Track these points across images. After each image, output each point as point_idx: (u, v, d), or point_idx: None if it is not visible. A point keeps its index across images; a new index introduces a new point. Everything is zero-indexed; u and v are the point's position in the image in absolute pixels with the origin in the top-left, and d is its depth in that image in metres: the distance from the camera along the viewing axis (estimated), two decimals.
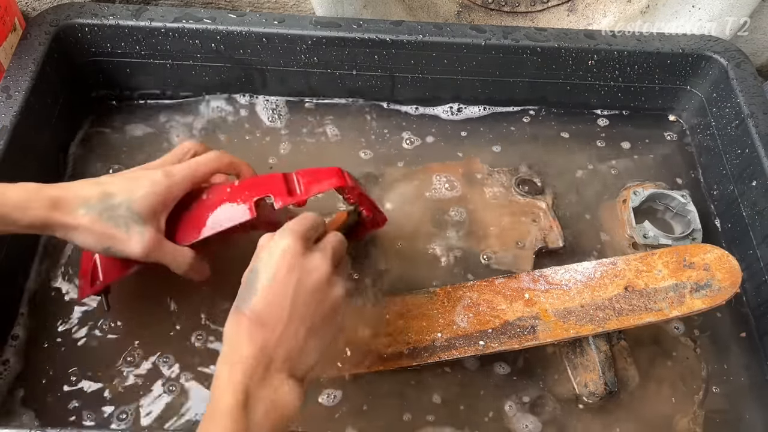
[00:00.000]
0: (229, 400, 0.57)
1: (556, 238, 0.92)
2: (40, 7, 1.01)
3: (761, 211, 0.90)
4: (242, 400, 0.57)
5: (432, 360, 0.79)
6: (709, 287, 0.77)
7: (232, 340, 0.62)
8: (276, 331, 0.62)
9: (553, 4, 1.15)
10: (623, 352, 0.82)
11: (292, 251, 0.65)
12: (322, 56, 0.98)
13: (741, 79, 0.97)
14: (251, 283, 0.64)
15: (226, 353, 0.62)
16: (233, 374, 0.59)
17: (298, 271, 0.64)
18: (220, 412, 0.57)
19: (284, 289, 0.63)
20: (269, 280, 0.63)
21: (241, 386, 0.58)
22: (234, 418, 0.56)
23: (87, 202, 0.68)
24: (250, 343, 0.61)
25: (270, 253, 0.65)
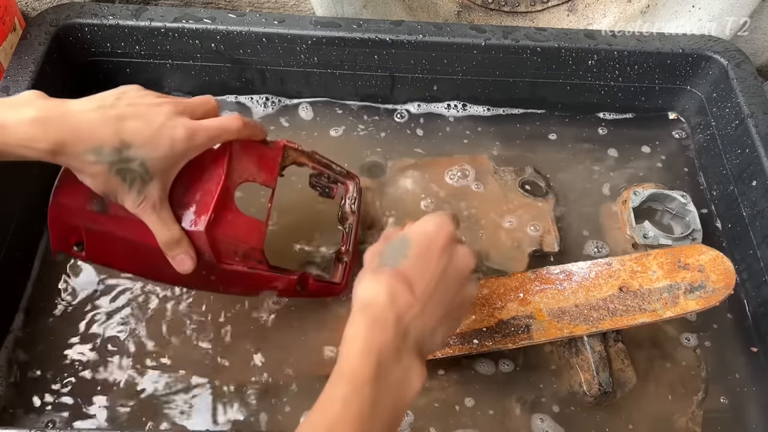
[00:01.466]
0: (362, 368, 0.55)
1: (552, 243, 0.92)
2: (40, 7, 1.02)
3: (761, 211, 0.90)
4: (374, 374, 0.55)
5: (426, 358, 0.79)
6: (703, 288, 0.77)
7: (370, 293, 0.60)
8: (419, 302, 0.60)
9: (553, 4, 1.15)
10: (620, 353, 0.82)
11: (449, 233, 0.65)
12: (322, 56, 0.98)
13: (741, 79, 0.97)
14: (400, 248, 0.63)
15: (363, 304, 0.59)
16: (372, 339, 0.56)
17: (450, 251, 0.64)
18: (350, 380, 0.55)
19: (435, 262, 0.62)
20: (422, 251, 0.62)
21: (376, 357, 0.55)
22: (364, 393, 0.54)
23: (99, 150, 0.62)
24: (392, 304, 0.58)
25: (425, 226, 0.65)
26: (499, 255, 0.92)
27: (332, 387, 0.55)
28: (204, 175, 0.71)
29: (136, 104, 0.65)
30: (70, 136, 0.61)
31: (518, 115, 1.07)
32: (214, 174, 0.70)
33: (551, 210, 0.95)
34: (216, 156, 0.71)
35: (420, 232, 0.64)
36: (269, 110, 1.03)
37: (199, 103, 0.70)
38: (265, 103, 1.04)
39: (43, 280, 0.86)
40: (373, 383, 0.54)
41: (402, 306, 0.59)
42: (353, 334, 0.57)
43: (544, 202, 0.96)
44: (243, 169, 0.73)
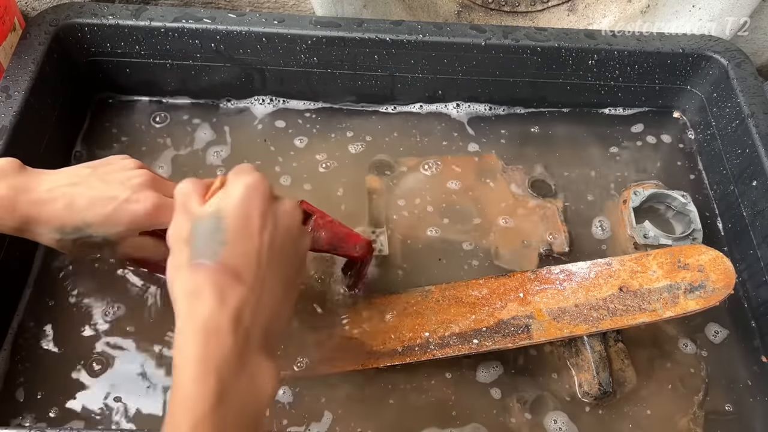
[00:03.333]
0: (201, 397, 0.47)
1: (563, 244, 0.92)
2: (39, 6, 1.02)
3: (761, 211, 0.90)
4: (216, 400, 0.47)
5: (426, 358, 0.79)
6: (703, 288, 0.77)
7: (194, 302, 0.51)
8: (254, 290, 0.52)
9: (553, 4, 1.15)
10: (620, 353, 0.82)
11: (263, 194, 0.57)
12: (322, 56, 0.98)
13: (741, 79, 0.97)
14: (211, 229, 0.53)
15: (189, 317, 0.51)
16: (207, 358, 0.49)
17: (272, 215, 0.56)
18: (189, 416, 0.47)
19: (259, 240, 0.54)
20: (240, 228, 0.54)
21: (216, 378, 0.48)
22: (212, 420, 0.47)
23: (62, 229, 0.65)
24: (223, 304, 0.50)
25: (234, 195, 0.56)
26: (508, 254, 0.92)
27: (173, 421, 0.48)
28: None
29: (106, 180, 0.67)
30: (34, 218, 0.64)
31: (518, 114, 1.07)
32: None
33: (560, 210, 0.95)
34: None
35: (232, 206, 0.55)
36: (269, 110, 1.03)
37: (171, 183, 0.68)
38: (265, 102, 1.04)
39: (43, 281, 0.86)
40: (216, 410, 0.47)
41: (235, 303, 0.51)
42: (185, 354, 0.49)
43: (552, 203, 0.96)
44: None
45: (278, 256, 0.56)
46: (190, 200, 0.58)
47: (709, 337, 0.88)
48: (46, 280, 0.85)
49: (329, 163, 0.98)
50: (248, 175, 0.57)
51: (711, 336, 0.88)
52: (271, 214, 0.56)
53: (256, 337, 0.52)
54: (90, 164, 0.70)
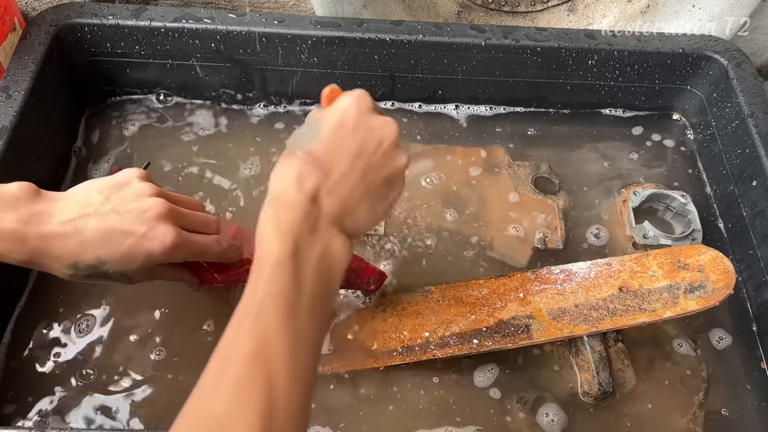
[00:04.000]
0: (277, 248, 0.53)
1: (558, 240, 0.93)
2: (40, 7, 1.02)
3: (761, 211, 0.90)
4: (292, 251, 0.53)
5: (426, 357, 0.79)
6: (703, 288, 0.77)
7: (278, 183, 0.58)
8: (331, 178, 0.58)
9: (553, 4, 1.15)
10: (620, 353, 0.82)
11: (363, 105, 0.62)
12: (322, 56, 0.98)
13: (741, 79, 0.97)
14: (311, 129, 0.60)
15: (272, 196, 0.57)
16: (280, 221, 0.55)
17: (367, 125, 0.61)
18: (270, 261, 0.53)
19: (350, 139, 0.60)
20: (334, 130, 0.60)
21: (290, 235, 0.54)
22: (283, 270, 0.52)
23: (75, 266, 0.64)
24: (300, 186, 0.56)
25: (338, 104, 0.62)
26: (502, 246, 0.93)
27: (253, 277, 0.53)
28: None
29: (120, 211, 0.65)
30: (45, 253, 0.62)
31: (518, 114, 1.07)
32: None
33: (560, 208, 0.96)
34: None
35: (332, 111, 0.61)
36: (269, 110, 1.03)
37: (188, 202, 0.73)
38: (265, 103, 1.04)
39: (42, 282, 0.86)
40: (291, 259, 0.53)
41: (311, 186, 0.57)
42: (264, 226, 0.55)
43: (553, 200, 0.96)
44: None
45: (365, 160, 0.60)
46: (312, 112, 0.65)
47: (708, 338, 0.88)
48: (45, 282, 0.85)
49: None
50: (355, 92, 0.63)
51: (710, 336, 0.88)
52: (365, 124, 0.61)
53: (328, 216, 0.57)
54: (103, 186, 0.67)
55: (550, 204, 0.96)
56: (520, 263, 0.91)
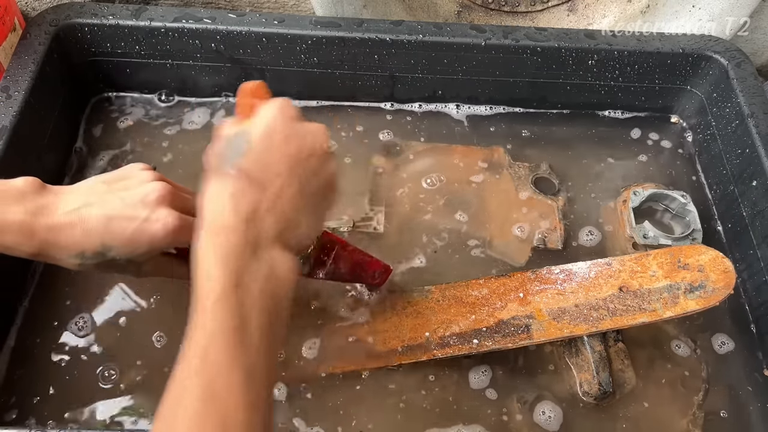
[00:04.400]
0: (218, 279, 0.51)
1: (557, 240, 0.93)
2: (40, 7, 1.02)
3: (761, 211, 0.90)
4: (233, 280, 0.51)
5: (426, 357, 0.79)
6: (703, 288, 0.77)
7: (214, 204, 0.56)
8: (266, 195, 0.56)
9: (553, 4, 1.15)
10: (620, 353, 0.82)
11: (289, 115, 0.60)
12: (322, 56, 0.98)
13: (741, 79, 0.97)
14: (238, 143, 0.58)
15: (207, 222, 0.55)
16: (219, 248, 0.53)
17: (296, 135, 0.59)
18: (211, 297, 0.51)
19: (279, 151, 0.58)
20: (263, 142, 0.58)
21: (231, 264, 0.52)
22: (227, 304, 0.50)
23: (82, 254, 0.64)
24: (236, 207, 0.55)
25: (262, 115, 0.60)
26: (502, 245, 0.93)
27: (195, 314, 0.51)
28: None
29: (123, 197, 0.66)
30: (53, 244, 0.63)
31: (518, 114, 1.07)
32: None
33: (560, 209, 0.96)
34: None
35: (257, 122, 0.59)
36: None
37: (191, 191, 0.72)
38: None
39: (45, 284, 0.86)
40: (234, 290, 0.51)
41: (247, 206, 0.55)
42: (202, 254, 0.53)
43: (553, 200, 0.96)
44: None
45: (299, 171, 0.59)
46: (224, 125, 0.62)
47: (708, 338, 0.88)
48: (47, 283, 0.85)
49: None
50: (278, 100, 0.62)
51: (710, 336, 0.88)
52: (294, 134, 0.59)
53: (268, 235, 0.55)
54: (107, 178, 0.68)
55: (549, 204, 0.96)
56: (519, 263, 0.91)
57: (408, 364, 0.80)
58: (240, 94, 0.65)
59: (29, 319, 0.83)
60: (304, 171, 0.59)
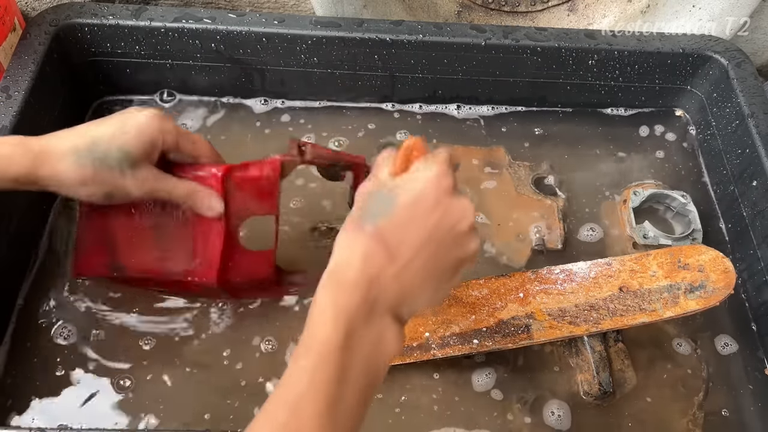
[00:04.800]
0: (330, 335, 0.51)
1: (557, 240, 0.93)
2: (40, 7, 1.02)
3: (762, 211, 0.90)
4: (343, 340, 0.51)
5: (425, 358, 0.79)
6: (703, 288, 0.77)
7: (343, 256, 0.56)
8: (396, 263, 0.55)
9: (553, 4, 1.15)
10: (620, 353, 0.82)
11: (443, 186, 0.59)
12: (322, 56, 0.98)
13: (741, 79, 0.97)
14: (384, 201, 0.57)
15: (332, 272, 0.55)
16: (338, 303, 0.53)
17: (444, 208, 0.58)
18: (320, 350, 0.51)
19: (422, 221, 0.57)
20: (407, 209, 0.57)
21: (345, 323, 0.52)
22: (331, 363, 0.51)
23: (76, 152, 0.66)
24: (364, 267, 0.54)
25: (416, 177, 0.59)
26: (502, 245, 0.93)
27: (297, 359, 0.52)
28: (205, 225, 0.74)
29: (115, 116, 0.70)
30: (46, 151, 0.66)
31: (518, 115, 1.07)
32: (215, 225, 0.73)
33: (560, 209, 0.95)
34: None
35: (409, 186, 0.58)
36: (269, 110, 1.03)
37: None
38: (265, 103, 1.04)
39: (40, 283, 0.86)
40: (341, 350, 0.51)
41: (374, 268, 0.54)
42: (320, 301, 0.54)
43: (553, 200, 0.96)
44: (242, 209, 0.74)
45: (434, 246, 0.57)
46: (382, 167, 0.62)
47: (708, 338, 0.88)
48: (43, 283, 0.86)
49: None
50: (437, 164, 0.60)
51: (710, 336, 0.88)
52: (442, 207, 0.58)
53: (386, 303, 0.55)
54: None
55: (549, 204, 0.96)
56: (519, 263, 0.91)
57: (408, 364, 0.80)
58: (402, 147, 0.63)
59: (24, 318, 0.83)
60: (438, 247, 0.58)
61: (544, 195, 0.97)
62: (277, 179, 0.74)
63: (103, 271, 0.76)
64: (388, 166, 0.62)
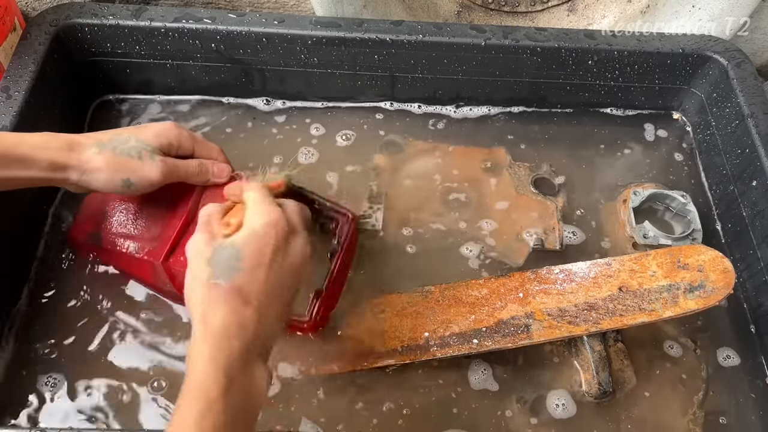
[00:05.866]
0: (212, 385, 0.55)
1: (555, 241, 0.92)
2: (40, 7, 1.02)
3: (761, 211, 0.90)
4: (224, 388, 0.55)
5: (425, 358, 0.79)
6: (702, 288, 0.77)
7: (211, 312, 0.59)
8: (259, 313, 0.60)
9: (553, 4, 1.15)
10: (620, 353, 0.82)
11: (280, 230, 0.64)
12: (322, 56, 0.98)
13: (741, 79, 0.97)
14: (231, 256, 0.62)
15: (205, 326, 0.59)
16: (217, 356, 0.57)
17: (284, 251, 0.64)
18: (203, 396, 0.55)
19: (268, 269, 0.62)
20: (254, 255, 0.62)
21: (224, 371, 0.56)
22: (214, 410, 0.54)
23: (99, 142, 0.72)
24: (233, 318, 0.59)
25: (253, 230, 0.64)
26: (501, 245, 0.93)
27: (183, 408, 0.55)
28: (173, 209, 0.81)
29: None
30: (77, 137, 0.72)
31: (518, 115, 1.07)
32: (180, 209, 0.80)
33: (559, 209, 0.95)
34: (187, 189, 0.81)
35: (250, 237, 0.63)
36: (269, 110, 1.03)
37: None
38: (266, 103, 1.04)
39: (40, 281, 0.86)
40: (223, 398, 0.55)
41: (242, 321, 0.59)
42: (198, 352, 0.57)
43: (552, 201, 0.96)
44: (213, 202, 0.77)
45: (281, 285, 0.63)
46: (212, 222, 0.67)
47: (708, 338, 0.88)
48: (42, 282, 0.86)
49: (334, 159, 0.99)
50: (268, 213, 0.65)
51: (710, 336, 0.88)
52: (283, 249, 0.64)
53: (257, 346, 0.60)
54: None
55: (549, 205, 0.96)
56: (518, 263, 0.91)
57: (408, 364, 0.80)
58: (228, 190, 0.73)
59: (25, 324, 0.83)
60: (285, 282, 0.64)
61: (543, 195, 0.97)
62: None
63: (85, 238, 0.83)
64: (216, 218, 0.68)
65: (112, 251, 0.81)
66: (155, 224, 0.81)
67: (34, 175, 0.69)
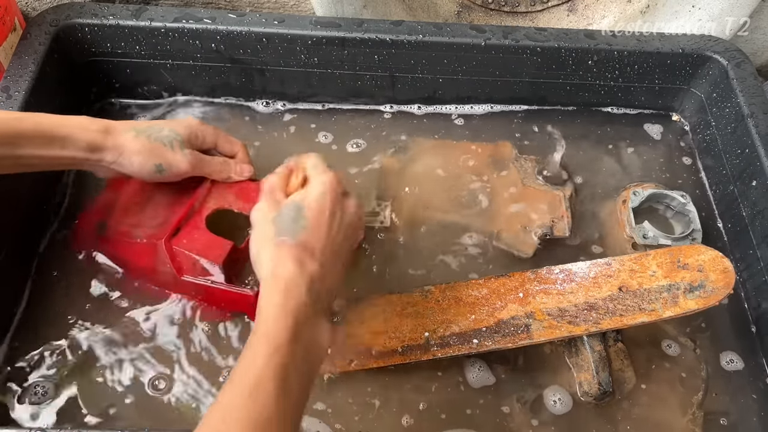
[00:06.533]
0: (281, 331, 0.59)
1: (564, 228, 0.93)
2: (40, 7, 1.02)
3: (761, 211, 0.90)
4: (293, 336, 0.59)
5: (426, 357, 0.79)
6: (702, 288, 0.77)
7: (279, 267, 0.64)
8: (322, 265, 0.65)
9: (553, 4, 1.15)
10: (620, 353, 0.82)
11: (337, 191, 0.70)
12: (322, 56, 0.98)
13: (741, 79, 0.97)
14: (296, 218, 0.67)
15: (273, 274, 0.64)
16: (287, 305, 0.61)
17: (341, 209, 0.70)
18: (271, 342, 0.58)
19: (329, 228, 0.68)
20: (317, 215, 0.67)
21: (293, 321, 0.60)
22: (282, 355, 0.58)
23: (136, 127, 0.77)
24: (302, 271, 0.63)
25: (315, 191, 0.69)
26: (509, 237, 0.93)
27: (252, 348, 0.59)
28: (179, 199, 0.84)
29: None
30: (113, 126, 0.76)
31: (518, 115, 1.07)
32: (186, 199, 0.83)
33: (567, 197, 0.96)
34: (195, 182, 0.84)
35: (312, 199, 0.69)
36: (269, 110, 1.03)
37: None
38: (266, 103, 1.04)
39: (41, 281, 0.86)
40: (290, 344, 0.59)
41: (310, 273, 0.64)
42: (268, 301, 0.62)
43: (560, 190, 0.96)
44: (220, 196, 0.84)
45: (340, 242, 0.69)
46: (276, 190, 0.72)
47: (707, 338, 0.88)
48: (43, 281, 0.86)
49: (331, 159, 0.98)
50: (325, 174, 0.71)
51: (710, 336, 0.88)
52: (339, 209, 0.70)
53: (321, 301, 0.65)
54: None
55: (556, 194, 0.96)
56: (527, 253, 0.91)
57: (408, 364, 0.80)
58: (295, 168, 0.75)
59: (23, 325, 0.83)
60: (343, 241, 0.70)
61: (550, 186, 0.97)
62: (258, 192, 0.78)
63: (91, 228, 0.86)
64: (280, 187, 0.73)
65: (116, 240, 0.83)
66: (161, 213, 0.83)
67: (72, 154, 0.73)
